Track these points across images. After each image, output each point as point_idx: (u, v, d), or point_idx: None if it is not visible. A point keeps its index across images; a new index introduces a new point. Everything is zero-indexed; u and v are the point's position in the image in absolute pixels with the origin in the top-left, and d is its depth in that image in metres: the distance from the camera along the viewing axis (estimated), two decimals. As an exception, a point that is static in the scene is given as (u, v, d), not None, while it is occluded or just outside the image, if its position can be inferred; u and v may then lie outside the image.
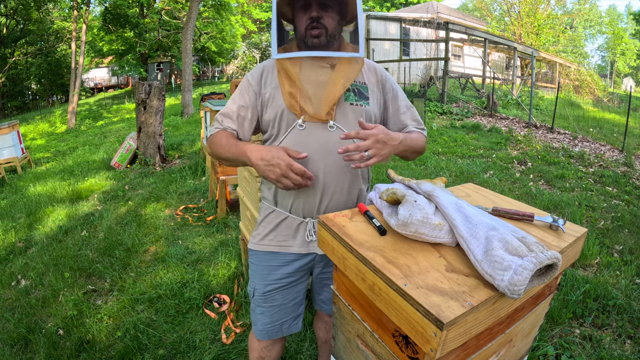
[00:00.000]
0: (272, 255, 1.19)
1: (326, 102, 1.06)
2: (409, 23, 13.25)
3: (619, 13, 39.29)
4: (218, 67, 28.08)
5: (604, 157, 5.58)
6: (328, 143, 1.08)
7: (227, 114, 1.16)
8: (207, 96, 7.71)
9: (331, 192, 1.12)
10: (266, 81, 1.14)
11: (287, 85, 1.09)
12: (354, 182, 1.15)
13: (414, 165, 5.12)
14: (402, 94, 1.25)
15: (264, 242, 1.20)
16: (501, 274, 0.64)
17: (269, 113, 1.12)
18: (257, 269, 1.22)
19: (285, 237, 1.18)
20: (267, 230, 1.20)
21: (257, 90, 1.14)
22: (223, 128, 1.15)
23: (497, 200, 1.06)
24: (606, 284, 2.38)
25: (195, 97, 13.32)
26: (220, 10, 17.82)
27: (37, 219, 3.89)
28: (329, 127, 1.08)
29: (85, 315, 2.24)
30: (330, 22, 1.08)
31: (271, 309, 1.21)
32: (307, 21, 1.08)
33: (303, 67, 1.08)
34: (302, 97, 1.07)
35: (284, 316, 1.23)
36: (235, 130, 1.15)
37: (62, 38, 22.04)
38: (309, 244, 1.17)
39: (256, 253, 1.22)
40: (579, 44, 31.92)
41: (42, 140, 11.58)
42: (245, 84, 1.16)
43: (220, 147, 1.11)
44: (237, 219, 3.50)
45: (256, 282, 1.22)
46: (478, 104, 10.07)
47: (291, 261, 1.19)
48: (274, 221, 1.19)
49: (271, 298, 1.21)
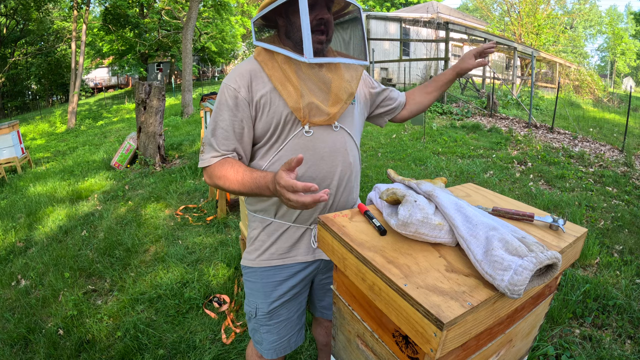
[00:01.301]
0: (275, 270, 1.11)
1: (337, 107, 1.04)
2: (409, 23, 13.25)
3: (619, 13, 39.29)
4: (218, 67, 28.06)
5: (604, 157, 5.57)
6: (335, 144, 1.06)
7: (221, 134, 1.02)
8: (207, 96, 7.68)
9: (340, 194, 1.10)
10: (258, 85, 1.02)
11: (291, 89, 1.00)
12: (356, 182, 1.16)
13: (414, 165, 5.12)
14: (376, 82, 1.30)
15: (264, 257, 1.11)
16: (501, 274, 0.64)
17: (266, 119, 1.02)
18: (257, 287, 1.13)
19: (288, 248, 1.11)
20: (267, 244, 1.11)
21: (248, 98, 1.01)
22: (222, 154, 1.02)
23: (497, 200, 1.06)
24: (606, 284, 2.38)
25: (195, 97, 13.32)
26: (220, 10, 17.81)
27: (37, 219, 3.89)
28: (334, 127, 1.07)
29: (85, 315, 2.24)
30: (332, 26, 1.04)
31: (277, 325, 1.15)
32: (312, 21, 0.97)
33: (308, 72, 1.02)
34: (313, 103, 1.01)
35: (291, 330, 1.18)
36: (236, 149, 1.03)
37: (62, 38, 22.04)
38: (314, 251, 1.11)
39: (254, 270, 1.13)
40: (579, 44, 31.92)
41: (42, 140, 11.58)
42: (231, 94, 1.01)
43: (227, 181, 0.98)
44: (237, 219, 3.50)
45: (258, 301, 1.14)
46: (478, 104, 10.07)
47: (296, 272, 1.12)
48: (274, 234, 1.10)
49: (277, 314, 1.14)
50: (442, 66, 11.41)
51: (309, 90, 1.01)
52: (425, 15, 15.62)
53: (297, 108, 1.00)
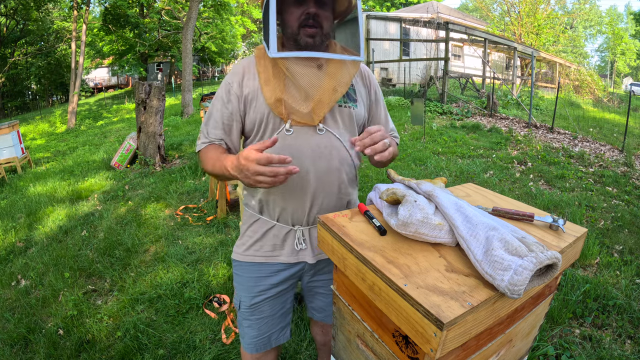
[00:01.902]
0: (258, 267, 1.13)
1: (321, 107, 1.00)
2: (409, 23, 13.25)
3: (619, 13, 39.29)
4: (218, 67, 28.07)
5: (604, 157, 5.57)
6: (319, 147, 1.03)
7: (212, 123, 1.07)
8: (207, 96, 7.68)
9: (321, 198, 1.07)
10: (248, 81, 1.05)
11: (273, 87, 1.00)
12: (343, 187, 1.09)
13: (414, 165, 5.12)
14: (382, 98, 1.22)
15: (249, 253, 1.13)
16: (501, 274, 0.64)
17: (252, 115, 1.05)
18: (242, 280, 1.16)
19: (272, 247, 1.12)
20: (253, 240, 1.13)
21: (238, 92, 1.05)
22: (210, 141, 1.07)
23: (497, 200, 1.06)
24: (606, 284, 2.38)
25: (195, 97, 13.32)
26: (220, 10, 17.80)
27: (37, 219, 3.89)
28: (318, 130, 1.03)
29: (85, 315, 2.24)
30: (326, 21, 1.01)
31: (259, 321, 1.17)
32: (301, 17, 0.99)
33: (294, 68, 0.99)
34: (293, 101, 1.00)
35: (272, 327, 1.19)
36: (223, 139, 1.07)
37: (62, 38, 22.05)
38: (298, 253, 1.11)
39: (241, 264, 1.16)
40: (579, 44, 31.93)
41: (42, 140, 11.58)
42: (226, 88, 1.07)
43: (208, 163, 1.03)
44: (237, 219, 3.50)
45: (242, 294, 1.17)
46: (478, 104, 10.07)
47: (279, 271, 1.13)
48: (260, 230, 1.12)
49: (258, 310, 1.16)
50: (442, 66, 11.40)
51: (293, 88, 1.00)
52: (425, 15, 15.61)
53: (275, 105, 1.00)
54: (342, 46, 1.10)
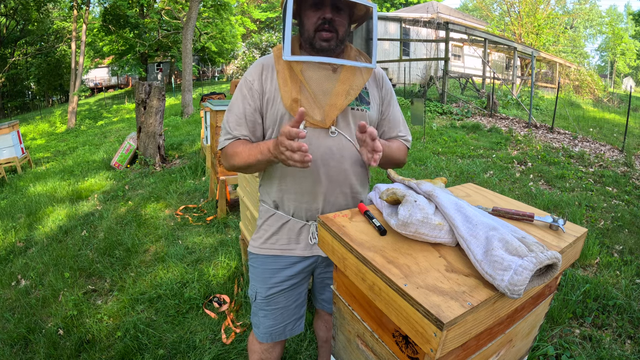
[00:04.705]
0: (274, 259, 1.17)
1: (333, 110, 1.04)
2: (409, 23, 13.26)
3: (619, 13, 39.31)
4: (218, 67, 28.06)
5: (604, 157, 5.57)
6: (331, 149, 1.07)
7: (235, 120, 1.10)
8: (207, 96, 7.72)
9: (333, 198, 1.11)
10: (266, 80, 1.09)
11: (290, 88, 1.04)
12: (354, 187, 1.14)
13: (414, 165, 5.12)
14: (395, 100, 1.24)
15: (266, 246, 1.17)
16: (501, 274, 0.64)
17: (270, 114, 1.09)
18: (258, 272, 1.20)
19: (288, 241, 1.16)
20: (269, 233, 1.17)
21: (259, 89, 1.09)
22: (234, 137, 1.09)
23: (497, 200, 1.06)
24: (606, 284, 2.38)
25: (195, 97, 13.32)
26: (220, 10, 17.79)
27: (37, 219, 3.89)
28: (330, 132, 1.06)
29: (85, 315, 2.24)
30: (342, 26, 1.04)
31: (274, 311, 1.20)
32: (317, 21, 1.02)
33: (309, 72, 1.03)
34: (307, 103, 1.03)
35: (287, 318, 1.22)
36: (248, 136, 1.10)
37: (62, 38, 22.04)
38: (312, 247, 1.15)
39: (257, 256, 1.20)
40: (579, 44, 31.93)
41: (42, 140, 11.58)
42: (247, 85, 1.10)
43: (239, 157, 1.05)
44: (237, 219, 3.50)
45: (258, 285, 1.21)
46: (478, 104, 10.06)
47: (294, 263, 1.17)
48: (276, 224, 1.16)
49: (274, 301, 1.19)
50: (442, 66, 11.40)
51: (307, 91, 1.03)
52: (425, 15, 15.62)
53: (291, 106, 1.04)
54: (357, 50, 1.13)
